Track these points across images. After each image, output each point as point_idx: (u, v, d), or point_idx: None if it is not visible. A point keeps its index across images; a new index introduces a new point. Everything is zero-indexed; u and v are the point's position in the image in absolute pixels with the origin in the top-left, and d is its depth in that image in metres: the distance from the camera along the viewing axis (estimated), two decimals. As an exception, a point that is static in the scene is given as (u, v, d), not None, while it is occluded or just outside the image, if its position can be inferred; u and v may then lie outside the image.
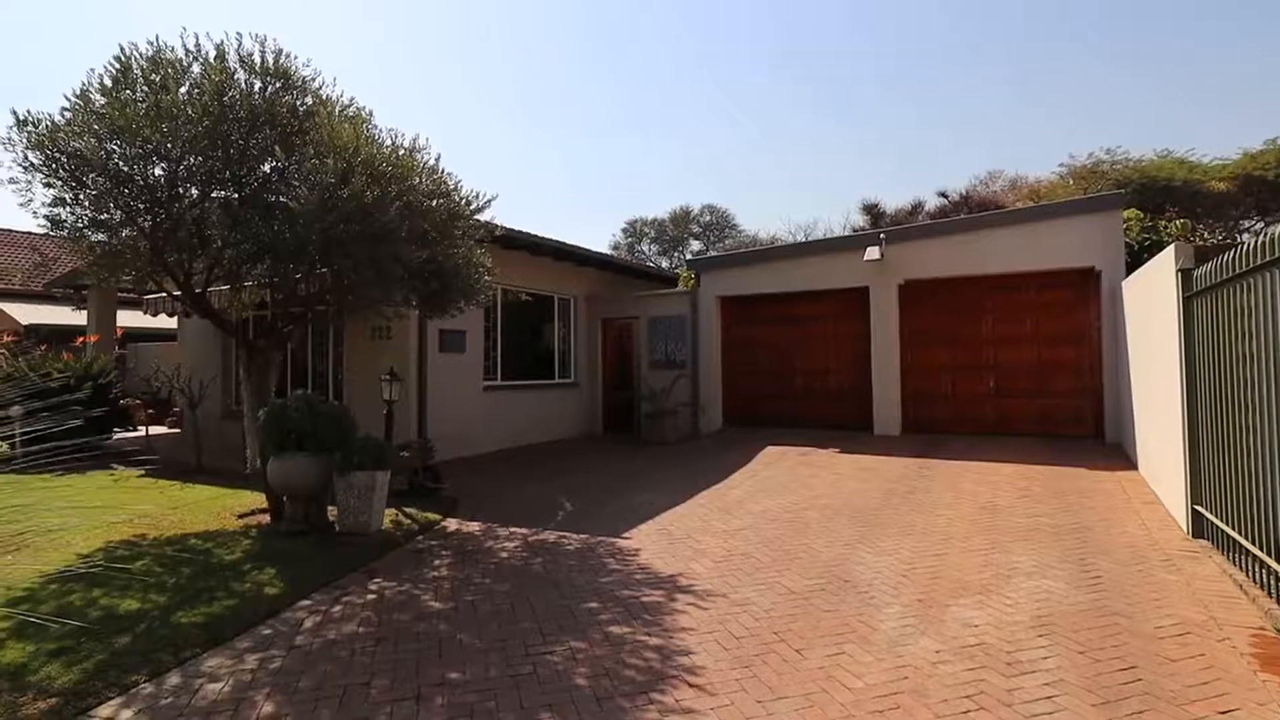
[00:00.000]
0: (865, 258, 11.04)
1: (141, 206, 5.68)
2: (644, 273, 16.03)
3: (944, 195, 25.79)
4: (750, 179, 55.32)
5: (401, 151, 6.00)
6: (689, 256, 34.56)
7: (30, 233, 20.32)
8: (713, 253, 34.51)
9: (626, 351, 14.15)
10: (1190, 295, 5.23)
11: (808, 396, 12.42)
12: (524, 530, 6.21)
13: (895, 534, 5.75)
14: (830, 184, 52.38)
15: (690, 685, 3.22)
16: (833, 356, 12.24)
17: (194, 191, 5.87)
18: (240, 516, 6.63)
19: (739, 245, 36.22)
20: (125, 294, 12.82)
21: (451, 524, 6.51)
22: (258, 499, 6.92)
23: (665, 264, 37.53)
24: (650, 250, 40.87)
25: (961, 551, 5.22)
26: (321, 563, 5.18)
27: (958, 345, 11.19)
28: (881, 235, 11.36)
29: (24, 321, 15.95)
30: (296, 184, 5.64)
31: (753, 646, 3.63)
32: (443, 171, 6.37)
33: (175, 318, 11.93)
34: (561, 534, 6.07)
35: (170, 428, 14.01)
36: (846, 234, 22.45)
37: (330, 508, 6.26)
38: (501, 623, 4.05)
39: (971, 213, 19.71)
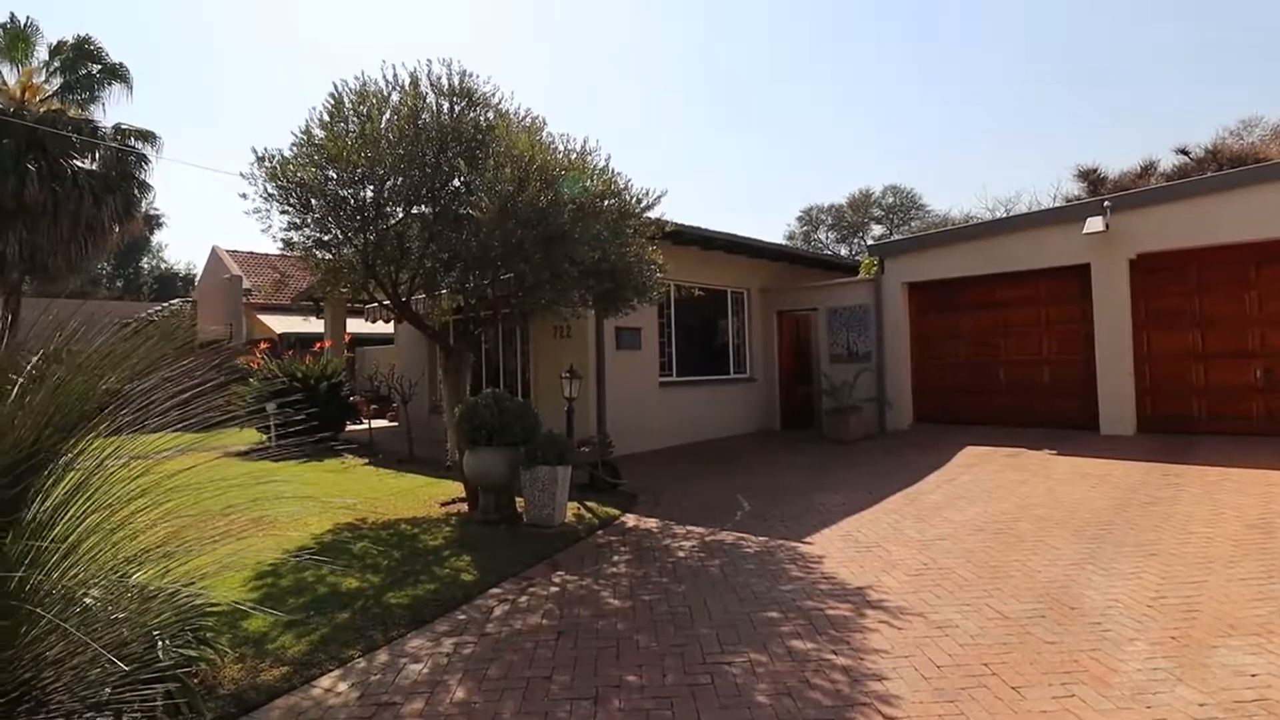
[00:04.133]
0: (1085, 230, 9.60)
1: (355, 225, 6.35)
2: (821, 262, 15.34)
3: (1184, 152, 21.98)
4: (942, 151, 51.25)
5: (574, 155, 6.15)
6: (870, 242, 32.68)
7: (273, 255, 23.97)
8: (897, 236, 32.29)
9: (804, 345, 13.60)
10: None
11: (1014, 391, 11.08)
12: (701, 529, 6.11)
13: (1134, 554, 4.88)
14: (1037, 149, 47.03)
15: (885, 717, 2.90)
16: (1044, 345, 10.81)
17: (398, 211, 6.47)
18: (443, 504, 7.22)
19: (927, 227, 33.56)
20: (351, 304, 14.61)
21: (630, 519, 6.58)
22: (457, 488, 7.48)
23: (844, 252, 35.86)
24: (828, 238, 39.25)
25: (1227, 580, 4.29)
26: (510, 552, 5.45)
27: (1210, 328, 9.39)
28: (1106, 203, 9.82)
29: (278, 330, 18.86)
30: (480, 194, 5.98)
31: (958, 678, 3.21)
32: (613, 172, 6.44)
33: (390, 323, 13.38)
34: (740, 535, 5.89)
35: (389, 421, 15.77)
36: (1059, 205, 19.90)
37: (519, 499, 6.59)
38: (678, 626, 3.96)
39: (1221, 170, 16.54)
